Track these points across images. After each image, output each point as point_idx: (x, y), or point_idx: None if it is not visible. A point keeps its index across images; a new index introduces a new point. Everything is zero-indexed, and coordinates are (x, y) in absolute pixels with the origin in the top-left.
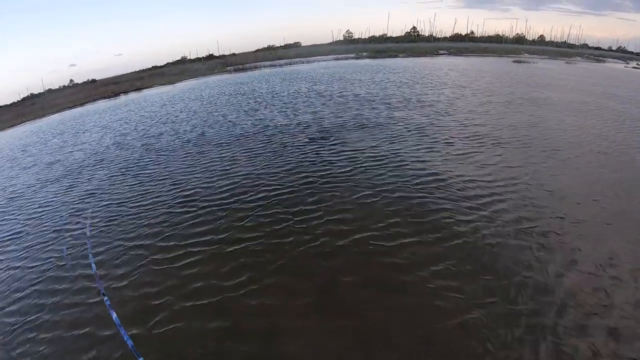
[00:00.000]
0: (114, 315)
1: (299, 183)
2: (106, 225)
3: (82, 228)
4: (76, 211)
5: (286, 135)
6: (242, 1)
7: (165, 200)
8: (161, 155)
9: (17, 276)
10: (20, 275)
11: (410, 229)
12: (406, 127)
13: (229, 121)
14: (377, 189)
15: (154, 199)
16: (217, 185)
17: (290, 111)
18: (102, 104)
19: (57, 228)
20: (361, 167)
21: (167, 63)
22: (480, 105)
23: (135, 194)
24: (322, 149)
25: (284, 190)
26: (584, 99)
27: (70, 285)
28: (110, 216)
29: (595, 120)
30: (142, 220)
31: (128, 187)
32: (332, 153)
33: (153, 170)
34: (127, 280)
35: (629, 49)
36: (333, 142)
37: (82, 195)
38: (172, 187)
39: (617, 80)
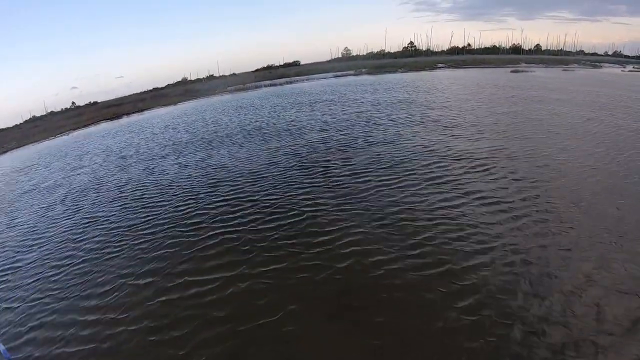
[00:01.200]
0: None
1: (308, 207)
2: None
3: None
4: (76, 240)
5: (294, 157)
6: (241, 21)
7: (173, 226)
8: (164, 179)
9: None
10: None
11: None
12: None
13: (234, 143)
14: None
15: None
16: (225, 210)
17: (295, 130)
18: (104, 125)
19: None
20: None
21: (168, 84)
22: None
23: (138, 220)
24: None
25: (294, 214)
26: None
27: None
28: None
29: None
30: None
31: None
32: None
33: (154, 196)
34: None
35: (625, 53)
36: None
37: (83, 223)
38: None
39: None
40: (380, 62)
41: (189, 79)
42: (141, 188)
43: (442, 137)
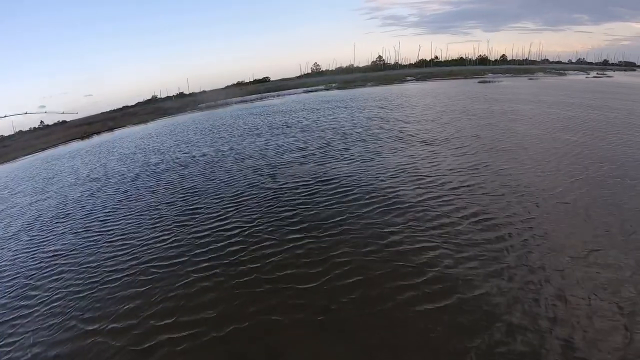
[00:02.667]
0: None
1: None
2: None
3: None
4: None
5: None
6: (211, 39)
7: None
8: (135, 205)
9: None
10: None
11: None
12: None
13: (210, 164)
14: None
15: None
16: (207, 239)
17: (272, 150)
18: (75, 145)
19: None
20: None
21: (138, 102)
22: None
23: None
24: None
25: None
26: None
27: None
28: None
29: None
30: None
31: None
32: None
33: (123, 225)
34: None
35: (589, 60)
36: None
37: (48, 257)
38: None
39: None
40: (350, 77)
41: (158, 96)
42: (110, 216)
43: (423, 152)
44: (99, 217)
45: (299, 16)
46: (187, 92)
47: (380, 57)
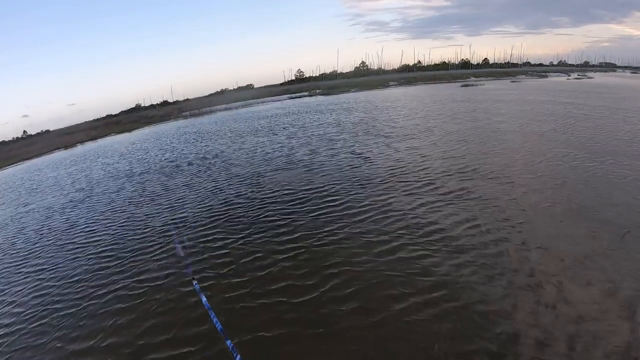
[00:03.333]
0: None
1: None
2: None
3: None
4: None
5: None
6: (193, 48)
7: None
8: (118, 216)
9: None
10: None
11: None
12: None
13: (196, 174)
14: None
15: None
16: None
17: (260, 156)
18: (58, 154)
19: None
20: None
21: (122, 111)
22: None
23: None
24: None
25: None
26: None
27: None
28: None
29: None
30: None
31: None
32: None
33: (106, 239)
34: None
35: (570, 62)
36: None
37: (33, 271)
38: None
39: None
40: (334, 83)
41: (142, 105)
42: (95, 228)
43: (410, 156)
44: (83, 229)
45: (282, 23)
46: (171, 100)
47: (363, 62)
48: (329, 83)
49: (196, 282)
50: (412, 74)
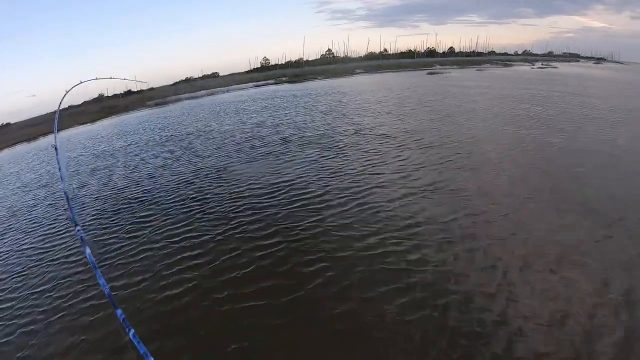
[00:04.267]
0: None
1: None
2: None
3: None
4: None
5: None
6: (158, 35)
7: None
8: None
9: None
10: None
11: None
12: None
13: (158, 166)
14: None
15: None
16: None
17: (227, 148)
18: (20, 148)
19: None
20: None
21: (84, 101)
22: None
23: None
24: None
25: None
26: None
27: None
28: None
29: None
30: None
31: None
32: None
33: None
34: None
35: (534, 52)
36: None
37: None
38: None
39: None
40: (300, 71)
41: (105, 95)
42: (55, 229)
43: (382, 147)
44: (38, 231)
45: (247, 10)
46: (134, 90)
47: (329, 50)
48: (295, 71)
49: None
50: (379, 61)
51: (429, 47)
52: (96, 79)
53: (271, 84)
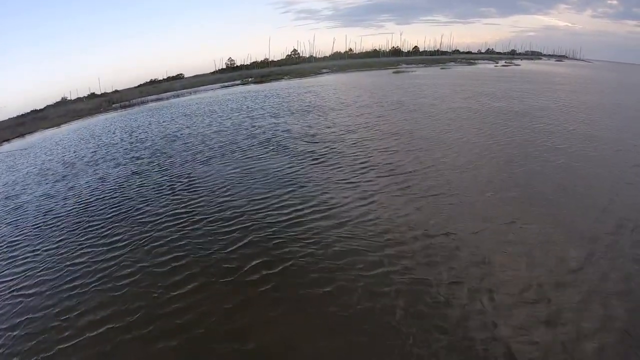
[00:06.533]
0: None
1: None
2: None
3: None
4: None
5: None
6: (121, 38)
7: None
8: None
9: None
10: None
11: None
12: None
13: (123, 174)
14: None
15: None
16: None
17: (194, 150)
18: None
19: None
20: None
21: (48, 105)
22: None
23: None
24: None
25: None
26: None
27: None
28: None
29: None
30: None
31: None
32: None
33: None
34: None
35: (497, 50)
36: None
37: None
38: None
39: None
40: (266, 71)
41: (69, 98)
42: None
43: (352, 149)
44: None
45: (212, 11)
46: (99, 93)
47: (295, 50)
48: (261, 71)
49: None
50: (344, 61)
51: (394, 47)
52: None
53: (238, 84)
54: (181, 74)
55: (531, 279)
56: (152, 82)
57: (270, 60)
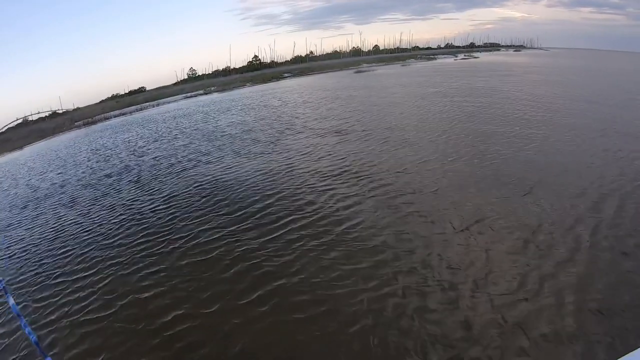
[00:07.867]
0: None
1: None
2: None
3: None
4: None
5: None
6: (78, 54)
7: None
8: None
9: None
10: None
11: None
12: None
13: (91, 199)
14: None
15: None
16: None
17: (164, 165)
18: None
19: None
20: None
21: (8, 128)
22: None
23: None
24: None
25: None
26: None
27: None
28: None
29: None
30: None
31: None
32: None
33: None
34: None
35: (456, 44)
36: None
37: None
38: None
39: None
40: (228, 79)
41: (30, 118)
42: None
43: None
44: None
45: (171, 21)
46: (60, 111)
47: (256, 56)
48: (223, 80)
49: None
50: (306, 64)
51: (354, 47)
52: None
53: (201, 94)
54: (143, 87)
55: None
56: (114, 97)
57: (232, 67)
